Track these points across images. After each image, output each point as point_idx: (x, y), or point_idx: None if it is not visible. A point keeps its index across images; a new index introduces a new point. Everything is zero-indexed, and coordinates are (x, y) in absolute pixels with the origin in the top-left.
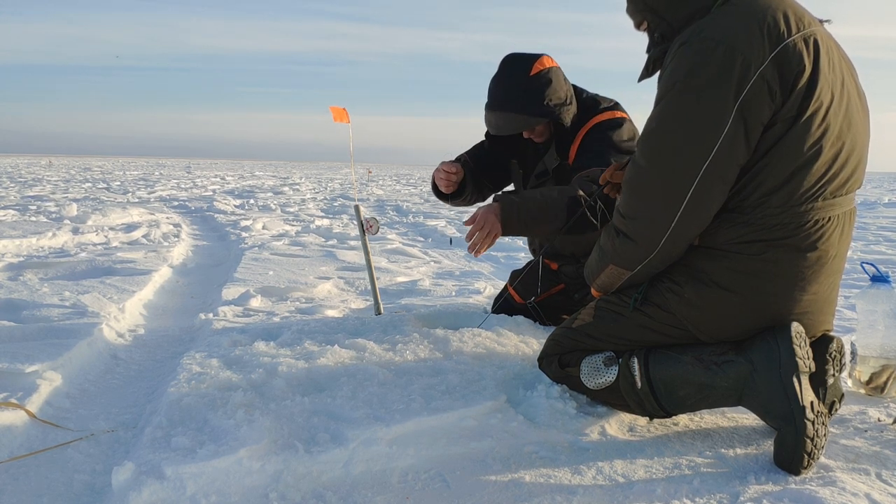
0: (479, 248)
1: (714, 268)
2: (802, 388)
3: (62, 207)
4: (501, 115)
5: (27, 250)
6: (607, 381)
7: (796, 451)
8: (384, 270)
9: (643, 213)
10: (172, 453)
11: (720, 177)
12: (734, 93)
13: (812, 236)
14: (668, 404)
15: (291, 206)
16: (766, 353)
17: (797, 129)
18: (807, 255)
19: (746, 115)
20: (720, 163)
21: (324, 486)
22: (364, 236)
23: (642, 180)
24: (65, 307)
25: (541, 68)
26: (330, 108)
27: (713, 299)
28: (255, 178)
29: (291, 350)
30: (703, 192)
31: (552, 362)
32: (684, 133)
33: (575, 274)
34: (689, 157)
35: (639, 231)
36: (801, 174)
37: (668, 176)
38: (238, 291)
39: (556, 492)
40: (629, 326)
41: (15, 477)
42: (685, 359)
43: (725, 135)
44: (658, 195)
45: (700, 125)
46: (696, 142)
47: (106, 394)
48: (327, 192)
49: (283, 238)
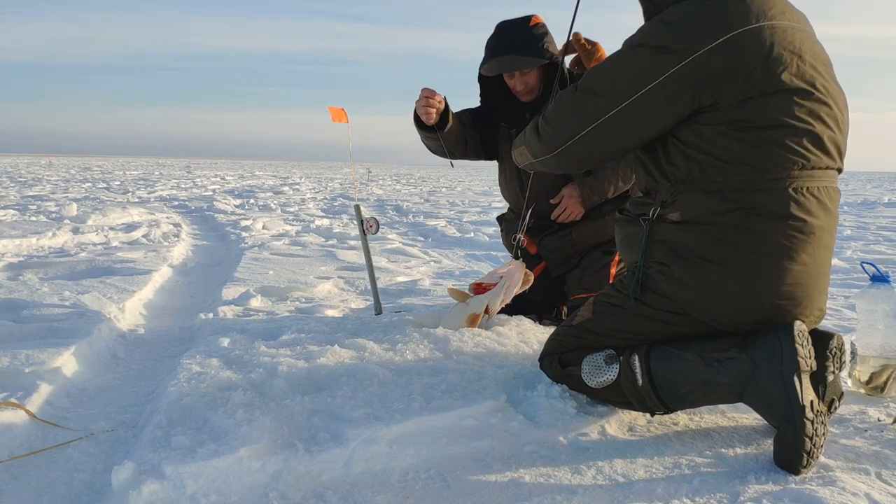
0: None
1: (697, 242)
2: (803, 387)
3: (62, 207)
4: (506, 58)
5: (27, 250)
6: (609, 379)
7: (796, 450)
8: (384, 270)
9: (556, 124)
10: (172, 453)
11: (629, 125)
12: (673, 61)
13: (790, 204)
14: (670, 401)
15: (291, 206)
16: (768, 351)
17: (753, 106)
18: (788, 223)
19: (677, 87)
20: (633, 113)
21: (324, 486)
22: (364, 236)
23: (568, 99)
24: (65, 307)
25: (537, 22)
26: (328, 109)
27: (702, 275)
28: (255, 178)
29: (291, 350)
30: (609, 128)
31: (553, 362)
32: (616, 76)
33: (555, 247)
34: (608, 97)
35: (547, 134)
36: (766, 148)
37: (586, 103)
38: (238, 291)
39: (556, 492)
40: (629, 318)
41: (15, 477)
42: (687, 355)
43: (651, 90)
44: (572, 115)
45: (633, 74)
46: (623, 85)
47: (106, 393)
48: (327, 192)
49: (283, 238)
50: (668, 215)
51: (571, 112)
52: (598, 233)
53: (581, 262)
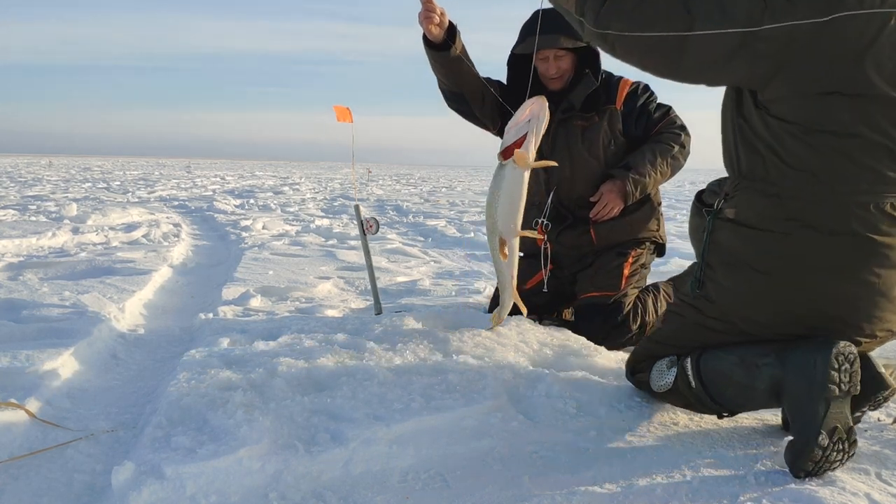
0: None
1: (745, 247)
2: (828, 412)
3: (62, 207)
4: (548, 36)
5: (27, 250)
6: (668, 383)
7: (796, 464)
8: (384, 270)
9: (630, 9)
10: (172, 453)
11: (695, 55)
12: (770, 19)
13: (851, 220)
14: (723, 402)
15: (291, 206)
16: (801, 366)
17: (831, 104)
18: (846, 239)
19: (761, 49)
20: (706, 47)
21: (324, 486)
22: (364, 236)
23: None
24: (65, 307)
25: None
26: (334, 108)
27: (746, 282)
28: (255, 178)
29: (291, 350)
30: (672, 45)
31: (627, 372)
32: (710, 4)
33: (573, 244)
34: (693, 19)
35: (613, 10)
36: (834, 158)
37: (672, 11)
38: (238, 291)
39: (556, 492)
40: (687, 326)
41: (15, 477)
42: (731, 358)
43: (733, 34)
44: (651, 11)
45: (726, 9)
46: (711, 15)
47: (106, 394)
48: (327, 192)
49: (283, 238)
50: (726, 210)
51: (653, 10)
52: (617, 233)
53: (595, 262)
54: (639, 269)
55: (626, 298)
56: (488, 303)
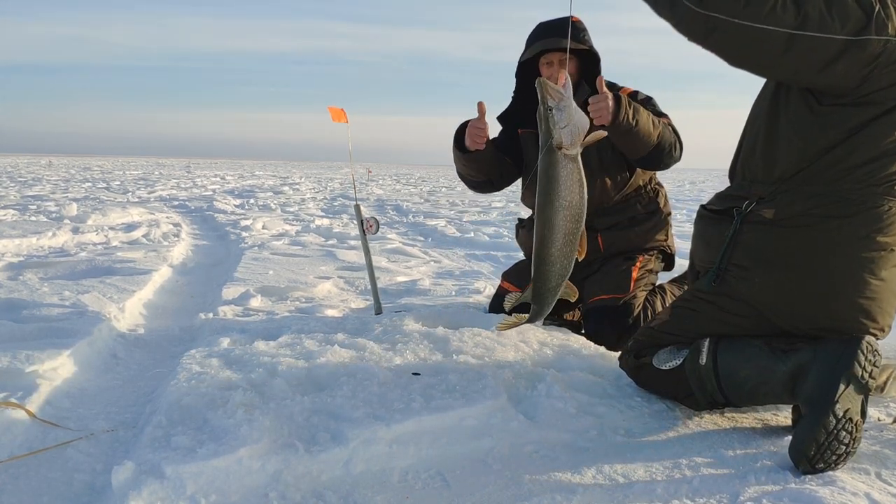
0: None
1: (783, 244)
2: (847, 390)
3: (62, 207)
4: (553, 39)
5: (27, 250)
6: (676, 362)
7: (809, 437)
8: (384, 270)
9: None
10: (172, 453)
11: (797, 53)
12: (876, 29)
13: (884, 219)
14: (727, 384)
15: (291, 206)
16: (831, 350)
17: (889, 117)
18: (875, 239)
19: (857, 55)
20: (824, 47)
21: (324, 486)
22: (364, 236)
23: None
24: (65, 307)
25: (577, 20)
26: (328, 109)
27: (782, 278)
28: (255, 178)
29: (291, 350)
30: (777, 41)
31: (629, 357)
32: (822, 5)
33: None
34: (805, 18)
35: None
36: (884, 160)
37: (782, 6)
38: (238, 291)
39: (556, 492)
40: (704, 320)
41: (15, 477)
42: (756, 342)
43: (834, 40)
44: (773, 7)
45: (834, 14)
46: (823, 17)
47: (106, 393)
48: (327, 192)
49: (283, 238)
50: (762, 211)
51: (765, 1)
52: (624, 241)
53: (602, 268)
54: (647, 273)
55: (635, 300)
56: (488, 303)
